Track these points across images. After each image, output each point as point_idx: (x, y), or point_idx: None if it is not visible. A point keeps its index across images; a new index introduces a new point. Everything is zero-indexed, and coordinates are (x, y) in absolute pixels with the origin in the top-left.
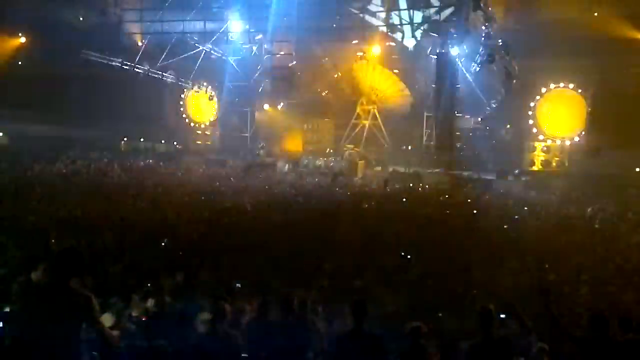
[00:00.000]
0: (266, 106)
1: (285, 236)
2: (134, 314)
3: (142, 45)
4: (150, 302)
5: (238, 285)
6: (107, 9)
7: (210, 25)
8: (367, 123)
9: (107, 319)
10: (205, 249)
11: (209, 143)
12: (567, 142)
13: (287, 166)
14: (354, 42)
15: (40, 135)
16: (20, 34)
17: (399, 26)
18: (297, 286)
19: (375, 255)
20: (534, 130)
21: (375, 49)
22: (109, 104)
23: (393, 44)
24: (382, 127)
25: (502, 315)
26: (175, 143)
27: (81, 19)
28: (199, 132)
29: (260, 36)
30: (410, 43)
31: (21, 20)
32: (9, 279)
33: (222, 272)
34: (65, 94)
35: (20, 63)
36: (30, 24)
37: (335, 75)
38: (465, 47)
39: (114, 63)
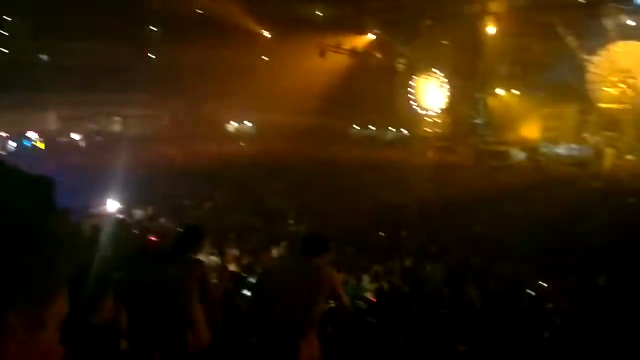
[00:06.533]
0: (500, 91)
1: (520, 227)
2: (367, 295)
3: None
4: (379, 283)
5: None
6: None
7: None
8: (619, 107)
9: None
10: (434, 236)
11: (438, 130)
12: None
13: (521, 154)
14: (605, 18)
15: (280, 124)
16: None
17: None
18: (535, 278)
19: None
20: None
21: (632, 25)
22: (344, 92)
23: None
24: (638, 111)
25: None
26: (404, 130)
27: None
28: (429, 119)
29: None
30: None
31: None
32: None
33: (450, 260)
34: (302, 85)
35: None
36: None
37: (583, 56)
38: None
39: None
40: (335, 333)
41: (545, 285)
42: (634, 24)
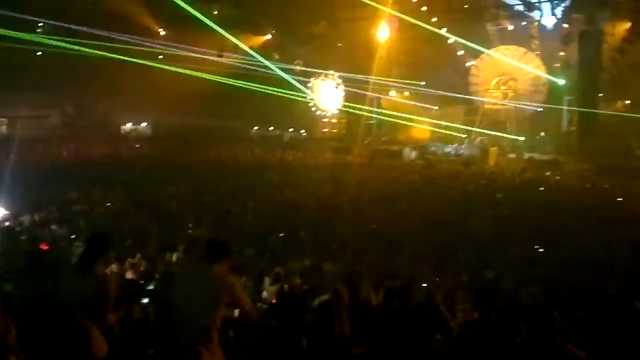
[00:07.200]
0: (393, 93)
1: (414, 225)
2: (265, 295)
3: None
4: (279, 285)
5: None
6: None
7: None
8: (501, 108)
9: None
10: (331, 235)
11: (335, 131)
12: None
13: (413, 153)
14: (488, 23)
15: (178, 125)
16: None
17: (537, 4)
18: (426, 275)
19: (508, 246)
20: None
21: (512, 30)
22: (243, 94)
23: (528, 23)
24: (518, 112)
25: None
26: (303, 131)
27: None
28: (326, 120)
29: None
30: (549, 22)
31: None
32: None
33: (347, 258)
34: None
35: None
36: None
37: (468, 59)
38: (612, 24)
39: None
40: (237, 338)
41: (439, 279)
42: (512, 27)
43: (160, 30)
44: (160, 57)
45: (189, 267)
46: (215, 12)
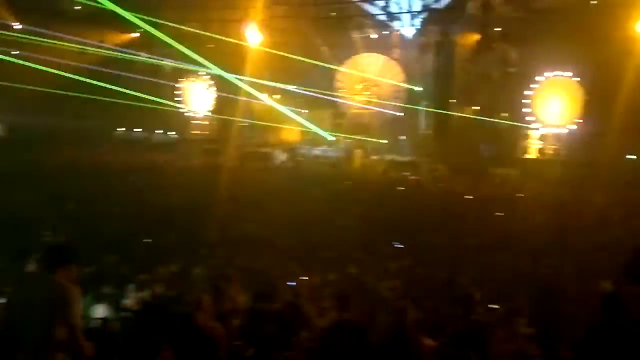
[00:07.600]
0: (264, 96)
1: (283, 225)
2: (128, 303)
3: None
4: (145, 292)
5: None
6: None
7: None
8: (365, 112)
9: (100, 309)
10: (202, 240)
11: (205, 133)
12: (564, 130)
13: (283, 155)
14: (353, 31)
15: (34, 126)
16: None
17: (397, 15)
18: (293, 274)
19: (370, 243)
20: (530, 118)
21: (375, 38)
22: (103, 93)
23: (390, 32)
24: (380, 116)
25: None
26: (171, 133)
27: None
28: (196, 121)
29: None
30: (409, 32)
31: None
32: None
33: (216, 261)
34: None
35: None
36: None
37: (335, 65)
38: (463, 35)
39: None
40: (99, 349)
41: (306, 278)
42: (376, 36)
43: (15, 23)
44: (14, 52)
45: (31, 275)
46: (78, 8)
